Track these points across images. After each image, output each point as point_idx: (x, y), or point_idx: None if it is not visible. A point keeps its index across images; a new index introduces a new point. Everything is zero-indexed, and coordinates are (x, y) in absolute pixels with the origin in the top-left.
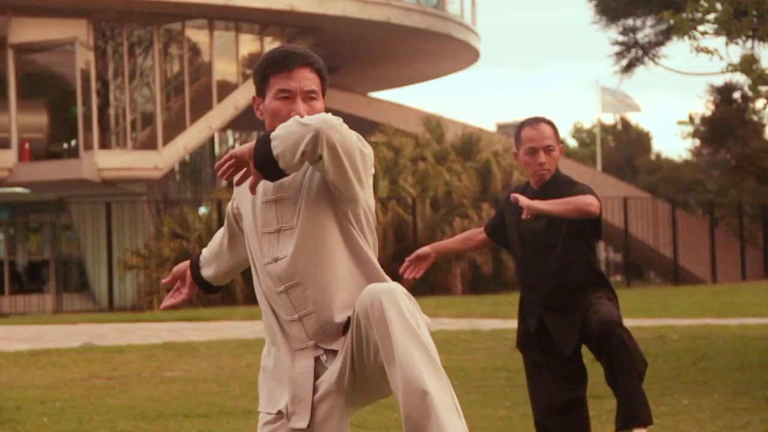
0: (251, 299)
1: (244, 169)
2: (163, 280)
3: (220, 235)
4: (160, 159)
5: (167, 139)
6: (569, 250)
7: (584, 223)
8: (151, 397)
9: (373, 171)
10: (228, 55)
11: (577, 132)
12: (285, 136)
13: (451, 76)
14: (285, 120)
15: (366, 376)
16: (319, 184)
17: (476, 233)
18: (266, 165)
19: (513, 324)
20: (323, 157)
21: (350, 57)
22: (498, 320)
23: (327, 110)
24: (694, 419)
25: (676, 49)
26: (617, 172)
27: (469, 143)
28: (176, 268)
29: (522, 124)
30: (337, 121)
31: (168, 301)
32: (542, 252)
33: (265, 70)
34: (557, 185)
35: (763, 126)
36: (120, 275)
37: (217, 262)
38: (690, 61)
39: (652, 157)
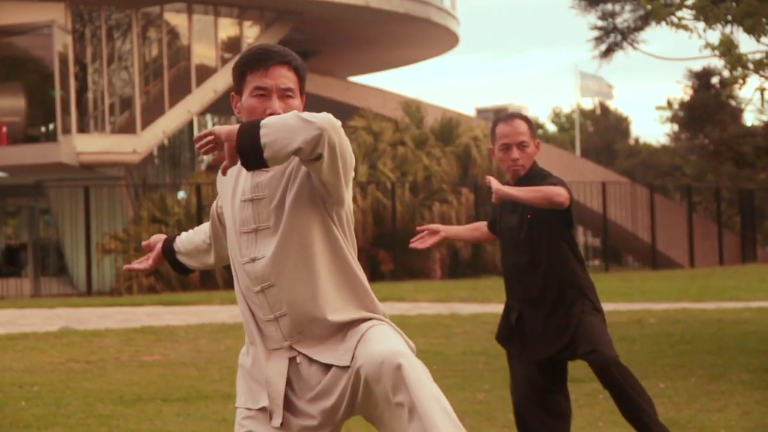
0: (230, 284)
1: (223, 148)
2: (143, 242)
3: (203, 233)
4: (139, 143)
5: (146, 123)
6: (541, 245)
7: (555, 216)
8: (130, 381)
9: (353, 174)
10: (207, 39)
11: (556, 117)
12: (279, 127)
13: (430, 61)
14: (261, 117)
15: (364, 414)
16: (302, 185)
17: (484, 224)
18: (249, 151)
19: (492, 308)
20: (323, 157)
21: (329, 41)
22: (476, 305)
23: (306, 101)
24: (672, 403)
25: (655, 34)
26: (596, 156)
27: (449, 128)
28: (154, 237)
29: (496, 121)
30: (338, 123)
31: (134, 264)
32: (516, 246)
33: (241, 68)
34: (531, 180)
35: (741, 111)
36: (98, 259)
37: (198, 257)
38: (669, 46)
39: (631, 141)
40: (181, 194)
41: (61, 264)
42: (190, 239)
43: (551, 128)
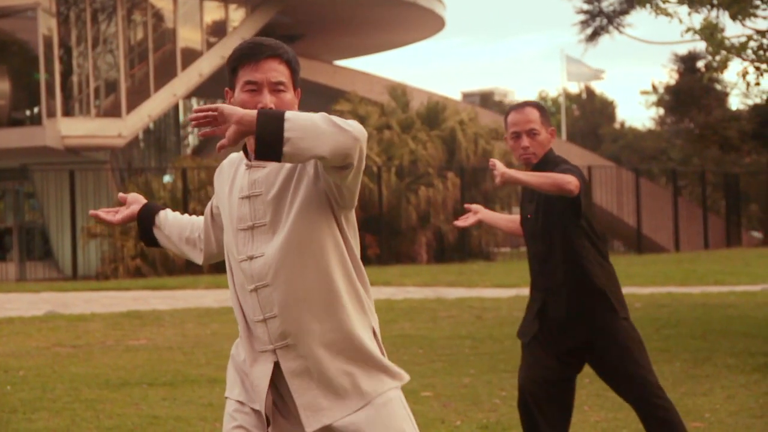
0: (216, 268)
1: (218, 126)
2: (120, 194)
3: (197, 228)
4: (124, 127)
5: (131, 107)
6: (556, 234)
7: (566, 205)
8: (116, 365)
9: None
10: (192, 22)
11: (542, 101)
12: (306, 126)
13: (416, 45)
14: None
15: None
16: (309, 187)
17: (518, 219)
18: (268, 141)
19: (478, 293)
20: (353, 166)
21: (315, 25)
22: (463, 289)
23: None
24: None
25: (641, 18)
26: (582, 141)
27: (435, 112)
28: (132, 196)
29: (509, 109)
30: (365, 132)
31: (100, 212)
32: (534, 236)
33: (233, 63)
34: (544, 168)
35: (727, 95)
36: (83, 243)
37: (178, 245)
38: (655, 29)
39: (617, 126)
40: (166, 178)
41: (47, 248)
42: (179, 225)
43: None
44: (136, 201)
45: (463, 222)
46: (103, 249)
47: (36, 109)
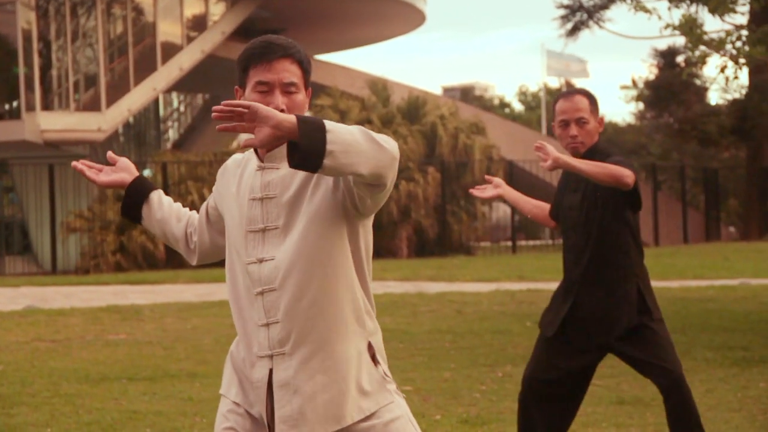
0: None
1: (244, 124)
2: (109, 154)
3: (190, 221)
4: (104, 121)
5: (111, 101)
6: (601, 226)
7: (619, 197)
8: (95, 360)
9: None
10: (172, 16)
11: (523, 96)
12: (348, 140)
13: (397, 39)
14: None
15: None
16: (326, 196)
17: (547, 207)
18: (309, 151)
19: (458, 287)
20: (386, 187)
21: (296, 19)
22: (443, 283)
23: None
24: (636, 380)
25: (621, 13)
26: None
27: (415, 106)
28: (123, 161)
29: (557, 97)
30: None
31: (84, 164)
32: (576, 227)
33: (244, 62)
34: (592, 158)
35: (706, 90)
36: (63, 238)
37: (167, 232)
38: (634, 25)
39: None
40: (146, 172)
41: (26, 242)
42: (176, 215)
43: (518, 107)
44: (127, 169)
45: (480, 192)
46: (83, 243)
47: (15, 103)
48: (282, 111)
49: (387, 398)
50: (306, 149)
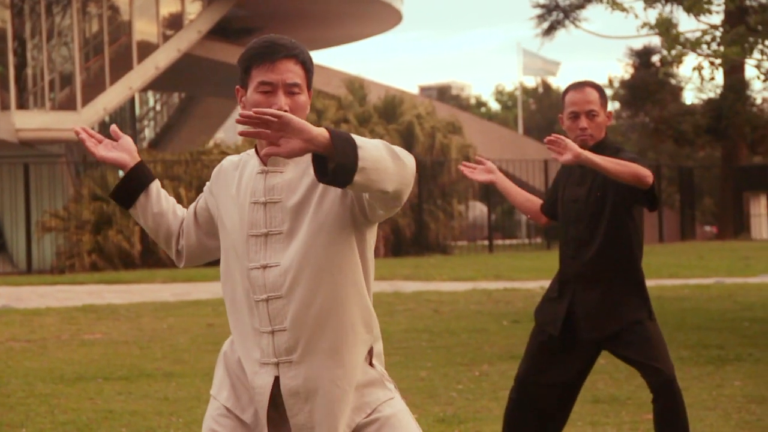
0: (173, 262)
1: (270, 133)
2: (113, 128)
3: (184, 219)
4: (80, 120)
5: (86, 100)
6: (607, 221)
7: (631, 194)
8: (71, 360)
9: None
10: (148, 14)
11: (499, 95)
12: (376, 157)
13: (373, 38)
14: None
15: None
16: (334, 203)
17: (539, 202)
18: (342, 167)
19: (435, 286)
20: (401, 204)
21: (272, 18)
22: (420, 282)
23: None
24: (612, 379)
25: (597, 12)
26: (538, 134)
27: (392, 106)
28: (127, 141)
29: (567, 88)
30: None
31: (87, 134)
32: (580, 220)
33: (247, 62)
34: (602, 152)
35: (681, 89)
36: (38, 237)
37: (159, 225)
38: (610, 24)
39: None
40: (122, 172)
41: (1, 242)
42: (172, 212)
43: (494, 106)
44: (128, 150)
45: (469, 172)
46: (58, 243)
47: None
48: (285, 112)
49: (387, 394)
50: (339, 165)
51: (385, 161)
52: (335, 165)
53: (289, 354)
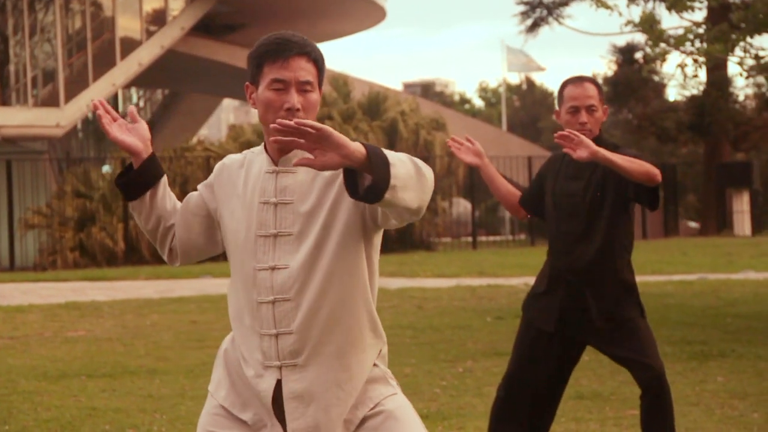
0: (157, 258)
1: (305, 143)
2: (131, 109)
3: (186, 211)
4: (62, 116)
5: (69, 96)
6: (603, 217)
7: (638, 193)
8: (54, 357)
9: None
10: (131, 10)
11: (483, 91)
12: (404, 175)
13: (357, 35)
14: (278, 112)
15: None
16: (350, 207)
17: (518, 195)
18: (376, 185)
19: (419, 283)
20: (419, 218)
21: (255, 14)
22: (404, 279)
23: (232, 75)
24: (596, 375)
25: (580, 9)
26: (522, 131)
27: (376, 102)
28: (143, 128)
29: (565, 82)
30: None
31: (105, 110)
32: (574, 215)
33: (258, 58)
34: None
35: (664, 86)
36: (21, 234)
37: (160, 222)
38: (594, 21)
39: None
40: (105, 168)
41: None
42: (173, 207)
43: (478, 103)
44: (142, 137)
45: (456, 149)
46: (41, 240)
47: None
48: (297, 110)
49: (390, 390)
50: (374, 183)
51: (411, 179)
52: (371, 183)
53: (294, 357)
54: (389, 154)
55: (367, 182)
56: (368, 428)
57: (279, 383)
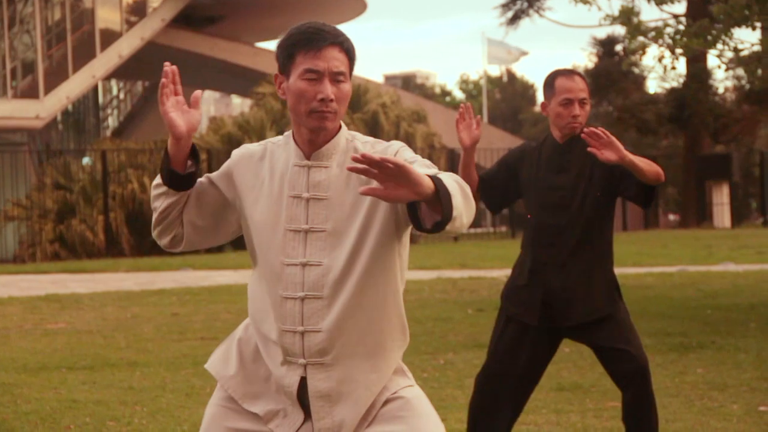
0: (137, 250)
1: (376, 172)
2: (196, 94)
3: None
4: (42, 108)
5: (49, 88)
6: (590, 211)
7: (637, 193)
8: (34, 349)
9: None
10: (111, 2)
11: (464, 84)
12: (459, 205)
13: (338, 27)
14: (311, 102)
15: None
16: (388, 207)
17: (476, 180)
18: (444, 220)
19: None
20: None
21: (237, 6)
22: None
23: (212, 67)
24: (576, 367)
25: (561, 2)
26: (503, 123)
27: (357, 95)
28: (196, 119)
29: (555, 74)
30: None
31: (169, 87)
32: (560, 208)
33: (290, 48)
34: (584, 140)
35: (644, 78)
36: (1, 226)
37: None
38: (574, 13)
39: (537, 109)
40: (85, 160)
41: None
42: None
43: (459, 95)
44: (191, 124)
45: (460, 119)
46: (21, 232)
47: None
48: (331, 101)
49: (407, 381)
50: (443, 219)
51: (463, 204)
52: (440, 219)
53: (321, 356)
54: (447, 183)
55: (430, 215)
56: (385, 413)
57: (303, 380)
